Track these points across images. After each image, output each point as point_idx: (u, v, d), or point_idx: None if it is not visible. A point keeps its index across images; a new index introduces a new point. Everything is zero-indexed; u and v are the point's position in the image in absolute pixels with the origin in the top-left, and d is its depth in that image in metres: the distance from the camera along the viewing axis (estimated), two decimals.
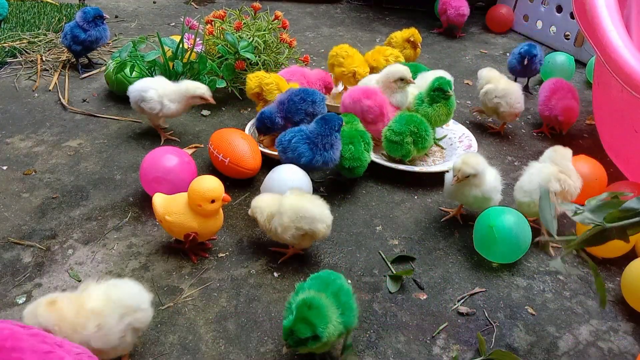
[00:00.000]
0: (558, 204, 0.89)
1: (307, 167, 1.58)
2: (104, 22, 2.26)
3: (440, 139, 1.95)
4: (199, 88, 1.80)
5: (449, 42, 2.93)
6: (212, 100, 1.82)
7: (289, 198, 1.37)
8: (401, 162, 1.79)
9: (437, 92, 1.80)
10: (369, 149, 1.70)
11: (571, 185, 1.48)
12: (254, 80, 1.91)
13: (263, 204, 1.39)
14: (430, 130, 1.77)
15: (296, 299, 1.08)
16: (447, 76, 1.92)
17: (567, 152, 1.53)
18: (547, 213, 0.81)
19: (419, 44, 2.39)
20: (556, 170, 1.49)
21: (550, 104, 1.99)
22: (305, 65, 2.29)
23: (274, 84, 1.89)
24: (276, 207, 1.36)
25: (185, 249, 1.41)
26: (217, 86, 2.01)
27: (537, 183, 1.46)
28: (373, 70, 2.15)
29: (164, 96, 1.78)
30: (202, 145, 1.87)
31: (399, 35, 2.39)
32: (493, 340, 1.25)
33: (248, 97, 1.97)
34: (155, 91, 1.78)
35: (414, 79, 1.89)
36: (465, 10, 2.94)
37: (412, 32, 2.36)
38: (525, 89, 2.36)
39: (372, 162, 1.76)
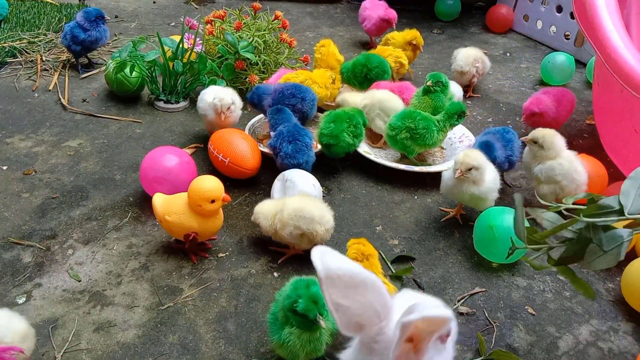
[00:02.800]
0: (531, 211, 0.89)
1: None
2: (105, 22, 2.26)
3: None
4: (216, 97, 1.75)
5: (449, 42, 2.93)
6: (223, 114, 1.75)
7: (293, 198, 1.39)
8: (404, 159, 1.80)
9: (426, 87, 1.85)
10: (355, 133, 1.72)
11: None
12: (306, 83, 1.94)
13: (266, 207, 1.40)
14: (433, 127, 1.72)
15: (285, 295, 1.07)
16: (456, 87, 1.97)
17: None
18: (519, 222, 0.81)
19: (421, 47, 2.38)
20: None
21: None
22: (306, 65, 2.30)
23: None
24: (279, 207, 1.37)
25: (185, 249, 1.41)
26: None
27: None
28: None
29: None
30: (202, 145, 1.87)
31: (399, 36, 2.38)
32: (493, 340, 1.25)
33: None
34: (210, 96, 1.77)
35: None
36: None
37: (414, 35, 2.34)
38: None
39: (373, 162, 1.76)
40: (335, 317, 0.78)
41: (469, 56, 2.27)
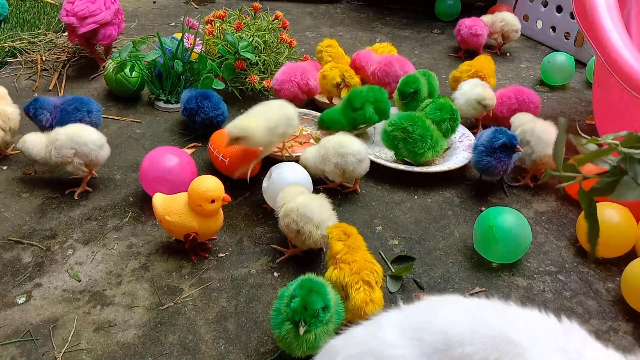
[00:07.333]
0: (573, 138, 0.88)
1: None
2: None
3: None
4: (54, 150, 1.55)
5: (448, 42, 2.93)
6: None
7: (306, 195, 1.40)
8: (403, 161, 1.80)
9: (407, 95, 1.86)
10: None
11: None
12: (334, 71, 1.97)
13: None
14: (427, 140, 1.70)
15: (288, 293, 1.10)
16: (485, 86, 1.97)
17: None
18: (559, 146, 0.79)
19: None
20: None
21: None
22: None
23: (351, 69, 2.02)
24: (293, 195, 1.39)
25: (185, 249, 1.41)
26: (214, 87, 2.01)
27: None
28: None
29: None
30: (201, 144, 1.87)
31: None
32: None
33: (323, 92, 1.98)
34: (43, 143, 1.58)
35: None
36: (480, 30, 2.59)
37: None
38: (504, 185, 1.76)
39: (373, 162, 1.76)
40: None
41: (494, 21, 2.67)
